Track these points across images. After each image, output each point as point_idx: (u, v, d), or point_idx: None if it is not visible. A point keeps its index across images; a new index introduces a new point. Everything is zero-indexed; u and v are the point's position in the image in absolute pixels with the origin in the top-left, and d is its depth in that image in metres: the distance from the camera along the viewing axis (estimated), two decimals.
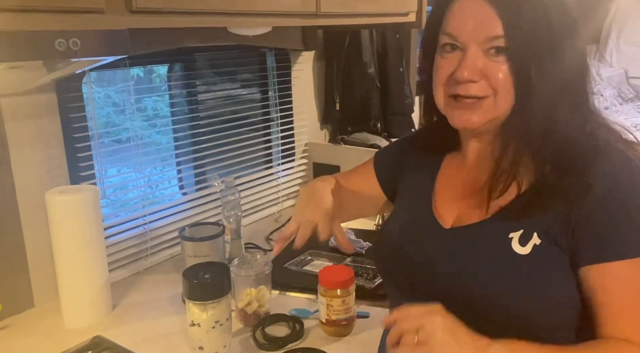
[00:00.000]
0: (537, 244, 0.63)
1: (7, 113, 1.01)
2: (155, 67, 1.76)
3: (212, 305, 0.88)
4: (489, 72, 0.65)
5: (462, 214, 0.73)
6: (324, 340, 0.97)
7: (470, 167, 0.75)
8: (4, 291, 1.04)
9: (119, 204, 1.34)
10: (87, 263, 1.02)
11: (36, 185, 1.07)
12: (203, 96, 1.45)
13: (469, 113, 0.67)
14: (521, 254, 0.64)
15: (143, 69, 2.63)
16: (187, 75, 1.41)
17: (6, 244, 1.04)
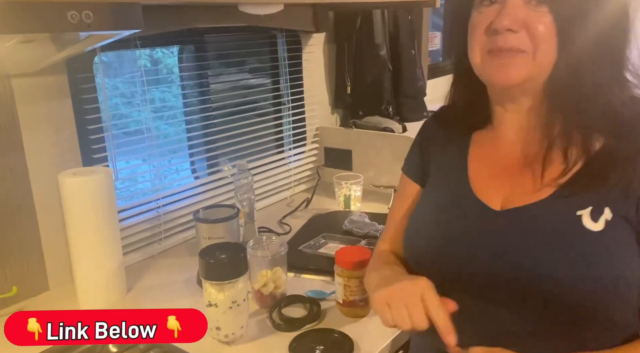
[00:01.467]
0: (609, 219, 0.60)
1: (18, 94, 1.00)
2: (162, 57, 1.75)
3: (229, 286, 0.87)
4: (529, 22, 0.60)
5: (510, 195, 0.67)
6: (341, 321, 0.96)
7: (509, 143, 0.70)
8: (19, 274, 1.04)
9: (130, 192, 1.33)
10: (102, 244, 1.01)
11: (48, 168, 1.06)
12: (214, 80, 1.44)
13: (508, 67, 0.62)
14: (594, 231, 0.60)
15: (150, 60, 2.62)
16: (197, 58, 1.39)
17: (20, 227, 1.03)
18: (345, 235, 1.31)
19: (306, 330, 0.92)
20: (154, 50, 2.61)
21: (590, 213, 0.60)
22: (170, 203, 1.31)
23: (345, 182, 1.50)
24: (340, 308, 0.98)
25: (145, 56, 2.48)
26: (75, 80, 1.08)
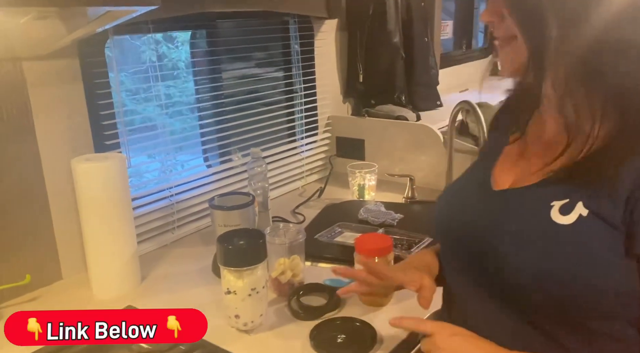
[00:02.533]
0: (584, 215, 0.56)
1: (29, 78, 0.98)
2: (167, 52, 1.73)
3: (248, 272, 0.85)
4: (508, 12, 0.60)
5: (518, 178, 0.68)
6: (361, 310, 0.94)
7: (539, 126, 0.69)
8: (32, 263, 1.02)
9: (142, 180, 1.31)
10: (116, 232, 0.99)
11: (61, 154, 1.04)
12: (226, 68, 1.41)
13: (502, 56, 0.62)
14: (560, 223, 0.57)
15: (156, 54, 2.60)
16: (210, 44, 1.37)
17: (33, 215, 1.01)
18: (361, 224, 1.28)
19: (326, 319, 0.90)
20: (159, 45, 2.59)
21: (563, 206, 0.58)
22: (183, 191, 1.29)
23: (360, 171, 1.48)
24: (360, 297, 0.96)
25: (151, 50, 2.46)
26: (86, 64, 1.06)
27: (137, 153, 1.24)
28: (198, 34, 1.37)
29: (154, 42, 2.43)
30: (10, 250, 0.98)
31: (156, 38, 2.25)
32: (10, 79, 0.95)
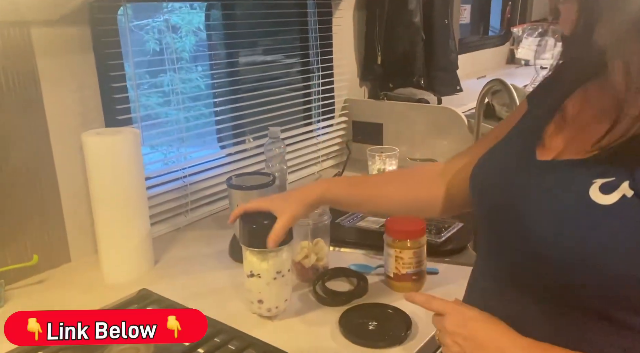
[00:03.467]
0: (628, 196, 0.50)
1: (37, 45, 0.91)
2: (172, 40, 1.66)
3: (273, 254, 0.78)
4: None
5: (565, 148, 0.61)
6: (391, 296, 0.87)
7: (599, 95, 0.62)
8: (39, 243, 0.96)
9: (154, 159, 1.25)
10: (129, 211, 0.93)
11: (70, 128, 0.97)
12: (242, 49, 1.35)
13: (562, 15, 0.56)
14: (598, 203, 0.52)
15: (159, 44, 2.53)
16: (225, 27, 1.30)
17: (40, 192, 0.95)
18: None
19: (355, 305, 0.84)
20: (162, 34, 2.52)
21: (605, 184, 0.52)
22: (196, 173, 1.23)
23: (380, 155, 1.41)
24: (390, 283, 0.90)
25: (154, 40, 2.39)
26: (98, 33, 0.99)
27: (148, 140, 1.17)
28: (212, 16, 1.31)
29: (158, 32, 2.36)
30: (16, 229, 0.92)
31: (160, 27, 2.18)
32: (17, 45, 0.89)
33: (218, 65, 1.33)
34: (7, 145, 0.90)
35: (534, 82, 1.74)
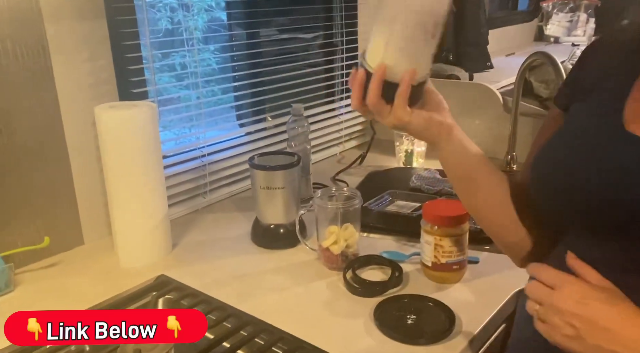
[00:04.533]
0: None
1: (46, 11, 0.84)
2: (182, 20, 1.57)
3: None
4: None
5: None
6: (429, 287, 0.81)
7: None
8: (51, 224, 0.90)
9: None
10: (144, 191, 0.86)
11: (82, 102, 0.91)
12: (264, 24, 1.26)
13: None
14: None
15: (171, 22, 2.43)
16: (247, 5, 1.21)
17: (51, 170, 0.89)
18: (413, 192, 1.14)
19: (390, 296, 0.77)
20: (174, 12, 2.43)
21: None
22: (215, 152, 1.16)
23: (407, 136, 1.33)
24: (427, 272, 0.83)
25: (166, 17, 2.30)
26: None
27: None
28: None
29: (170, 10, 2.26)
30: (26, 210, 0.87)
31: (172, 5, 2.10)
32: (24, 10, 0.81)
33: (238, 41, 1.25)
34: (14, 119, 0.83)
35: (572, 57, 1.62)
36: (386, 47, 0.57)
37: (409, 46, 0.57)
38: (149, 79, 1.00)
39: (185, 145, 1.12)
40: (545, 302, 0.49)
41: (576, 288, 0.48)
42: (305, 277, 0.85)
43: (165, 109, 1.07)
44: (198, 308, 0.74)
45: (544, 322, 0.48)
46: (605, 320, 0.45)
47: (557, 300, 0.48)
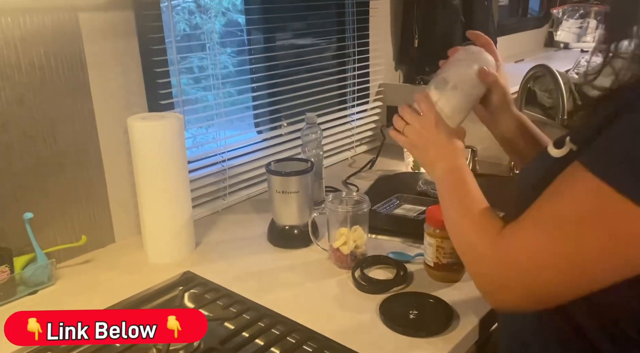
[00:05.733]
0: (574, 150, 0.54)
1: (85, 30, 0.93)
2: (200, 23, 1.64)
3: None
4: None
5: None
6: (431, 286, 0.87)
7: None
8: (87, 224, 0.99)
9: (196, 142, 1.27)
10: (172, 194, 0.95)
11: (115, 112, 0.99)
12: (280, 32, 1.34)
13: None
14: (551, 155, 0.57)
15: (189, 25, 2.52)
16: (264, 11, 1.29)
17: (87, 174, 0.98)
18: (420, 196, 1.21)
19: (395, 293, 0.84)
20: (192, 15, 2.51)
21: (557, 140, 0.58)
22: (234, 157, 1.24)
23: None
24: (429, 272, 0.90)
25: (184, 20, 2.38)
26: (141, 17, 1.00)
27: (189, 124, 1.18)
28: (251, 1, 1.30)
29: (188, 13, 2.34)
30: (65, 210, 0.96)
31: (190, 8, 2.18)
32: (67, 30, 0.90)
33: (255, 49, 1.33)
34: (57, 127, 0.92)
35: (577, 66, 1.67)
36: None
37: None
38: (175, 91, 1.08)
39: (207, 151, 1.20)
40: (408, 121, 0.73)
41: (419, 121, 0.72)
42: (317, 275, 0.92)
43: (192, 116, 1.15)
44: (220, 301, 0.82)
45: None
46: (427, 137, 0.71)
47: (407, 129, 0.73)
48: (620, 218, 0.45)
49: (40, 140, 0.90)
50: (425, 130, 0.71)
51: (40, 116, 0.89)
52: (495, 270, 0.54)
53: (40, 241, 0.89)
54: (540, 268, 0.50)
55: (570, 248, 0.48)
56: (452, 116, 0.73)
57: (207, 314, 0.80)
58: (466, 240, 0.61)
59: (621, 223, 0.45)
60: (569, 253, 0.48)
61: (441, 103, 0.73)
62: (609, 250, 0.46)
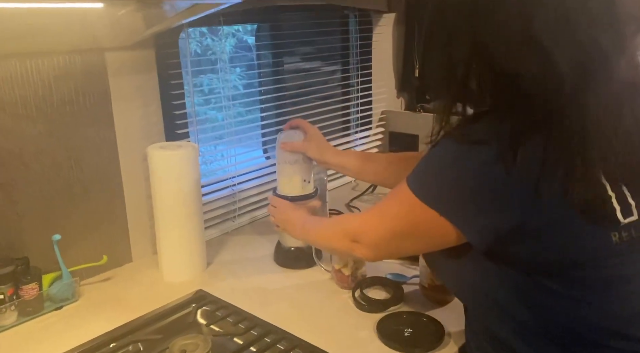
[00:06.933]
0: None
1: (110, 67, 1.02)
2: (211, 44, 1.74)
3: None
4: None
5: None
6: (425, 306, 0.94)
7: None
8: (107, 244, 1.07)
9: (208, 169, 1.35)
10: (187, 218, 1.03)
11: (135, 140, 1.08)
12: (286, 59, 1.43)
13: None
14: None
15: (200, 46, 2.62)
16: (272, 36, 1.39)
17: (109, 198, 1.06)
18: None
19: (391, 313, 0.91)
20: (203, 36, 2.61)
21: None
22: (244, 181, 1.32)
23: None
24: (424, 292, 0.96)
25: (196, 42, 2.49)
26: (161, 55, 1.09)
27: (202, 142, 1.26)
28: (261, 27, 1.39)
29: (199, 34, 2.43)
30: (88, 232, 1.04)
31: (201, 30, 2.27)
32: (94, 68, 1.00)
33: (264, 72, 1.41)
34: (82, 155, 1.01)
35: None
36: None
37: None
38: (190, 121, 1.17)
39: (220, 176, 1.28)
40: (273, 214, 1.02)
41: (279, 208, 1.01)
42: (319, 294, 0.99)
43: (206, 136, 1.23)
44: (230, 318, 0.89)
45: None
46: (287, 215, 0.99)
47: (275, 212, 1.01)
48: (415, 210, 0.66)
49: (68, 167, 0.99)
50: (280, 214, 1.01)
51: (68, 145, 0.98)
52: (353, 244, 0.77)
53: (65, 260, 0.96)
54: (376, 236, 0.74)
55: (391, 224, 0.71)
56: (293, 186, 1.06)
57: (218, 330, 0.88)
58: (331, 246, 0.86)
59: (414, 214, 0.67)
60: (391, 226, 0.71)
61: (281, 186, 1.07)
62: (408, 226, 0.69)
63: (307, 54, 1.51)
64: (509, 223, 0.59)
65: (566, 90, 0.56)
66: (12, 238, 0.93)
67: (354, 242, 0.76)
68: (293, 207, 1.00)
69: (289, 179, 1.06)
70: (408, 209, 0.67)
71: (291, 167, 1.05)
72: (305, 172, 1.07)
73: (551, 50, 0.56)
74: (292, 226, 0.97)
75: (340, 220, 0.87)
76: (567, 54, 0.56)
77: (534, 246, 0.60)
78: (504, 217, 0.59)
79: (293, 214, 0.98)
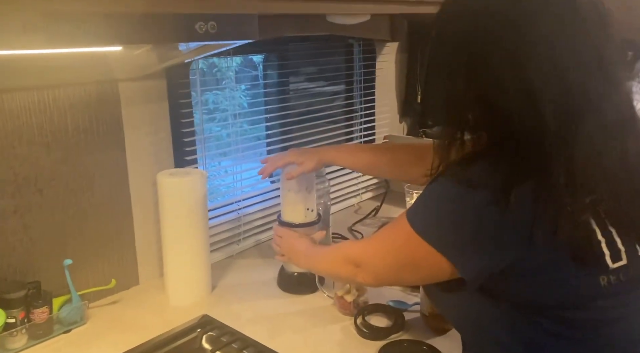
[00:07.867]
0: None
1: (123, 97, 1.06)
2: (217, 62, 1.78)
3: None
4: None
5: None
6: (426, 334, 0.96)
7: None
8: (115, 268, 1.09)
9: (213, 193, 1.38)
10: (193, 243, 1.05)
11: (145, 166, 1.11)
12: (293, 87, 1.47)
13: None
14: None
15: (206, 63, 2.66)
16: (279, 65, 1.43)
17: (118, 222, 1.09)
18: None
19: (392, 340, 0.93)
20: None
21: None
22: (249, 205, 1.35)
23: (417, 192, 1.49)
24: (425, 320, 0.98)
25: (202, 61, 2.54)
26: (173, 85, 1.13)
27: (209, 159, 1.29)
28: (270, 56, 1.44)
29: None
30: (97, 254, 1.06)
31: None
32: (108, 98, 1.04)
33: (269, 92, 1.45)
34: (94, 181, 1.04)
35: None
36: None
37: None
38: (199, 139, 1.20)
39: (226, 200, 1.31)
40: (278, 244, 1.05)
41: (284, 237, 1.04)
42: (322, 320, 1.01)
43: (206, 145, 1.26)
44: (235, 344, 0.91)
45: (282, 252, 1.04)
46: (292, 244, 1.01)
47: (280, 242, 1.04)
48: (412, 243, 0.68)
49: (80, 193, 1.02)
50: (285, 244, 1.04)
51: (81, 171, 1.02)
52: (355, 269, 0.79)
53: (75, 283, 0.99)
54: (375, 264, 0.77)
55: (390, 254, 0.74)
56: (297, 213, 1.09)
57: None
58: (334, 272, 0.89)
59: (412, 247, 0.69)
60: (390, 256, 0.74)
61: (285, 214, 1.10)
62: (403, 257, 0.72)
63: (312, 78, 1.55)
64: (503, 262, 0.62)
65: (552, 133, 0.58)
66: (24, 263, 0.96)
67: (356, 268, 0.79)
68: (297, 237, 1.02)
69: (292, 207, 1.09)
70: (406, 242, 0.69)
71: (295, 196, 1.08)
72: (309, 201, 1.10)
73: (540, 94, 0.58)
74: (296, 255, 1.00)
75: (342, 247, 0.89)
76: (553, 98, 0.58)
77: (524, 285, 0.63)
78: (498, 257, 0.62)
79: (297, 243, 1.00)
